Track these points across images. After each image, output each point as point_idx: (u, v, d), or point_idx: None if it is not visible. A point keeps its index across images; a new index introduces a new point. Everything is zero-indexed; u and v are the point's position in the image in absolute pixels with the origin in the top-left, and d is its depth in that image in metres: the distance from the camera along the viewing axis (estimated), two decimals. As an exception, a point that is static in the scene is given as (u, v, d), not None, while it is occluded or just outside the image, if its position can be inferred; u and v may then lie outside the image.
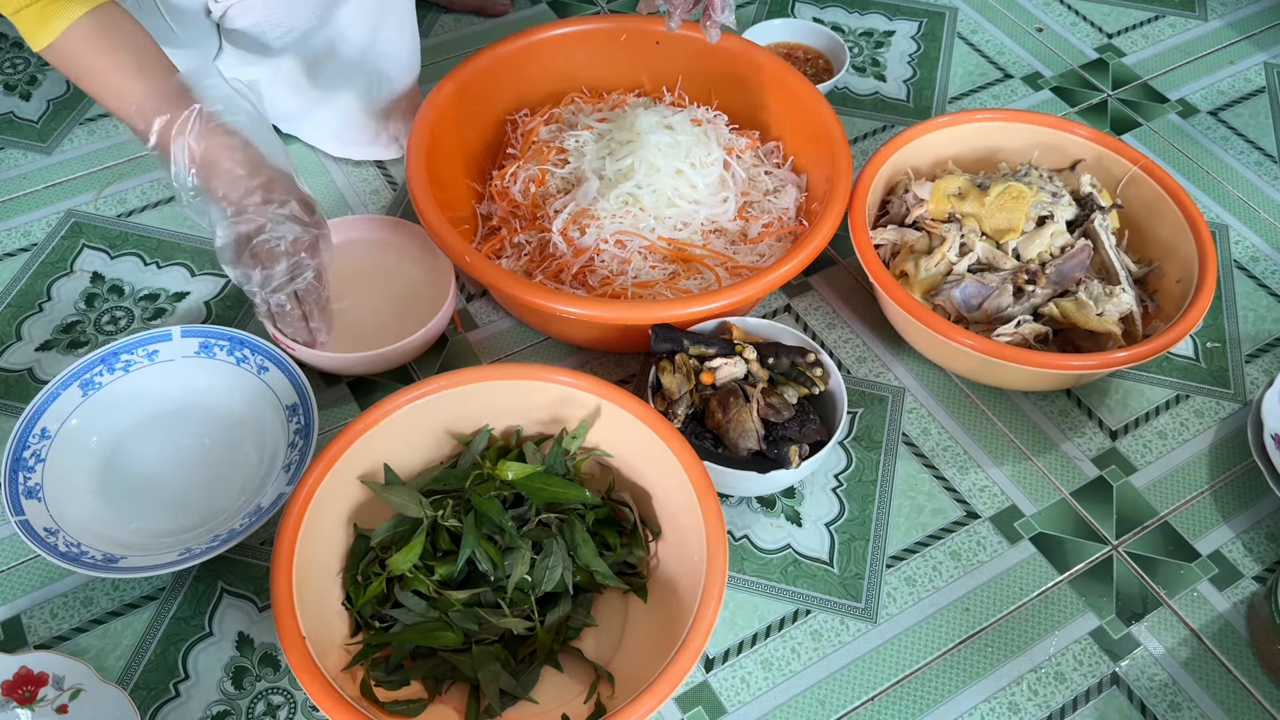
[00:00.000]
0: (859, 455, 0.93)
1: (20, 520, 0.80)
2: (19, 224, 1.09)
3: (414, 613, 0.75)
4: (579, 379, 0.80)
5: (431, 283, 0.98)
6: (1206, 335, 1.03)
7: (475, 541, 0.75)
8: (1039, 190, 0.97)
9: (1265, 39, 1.34)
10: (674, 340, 0.87)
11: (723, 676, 0.80)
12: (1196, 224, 0.95)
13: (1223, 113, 1.25)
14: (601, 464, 0.84)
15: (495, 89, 1.07)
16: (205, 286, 1.04)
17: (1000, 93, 1.27)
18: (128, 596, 0.83)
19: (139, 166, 1.14)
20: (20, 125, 1.18)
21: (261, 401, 0.90)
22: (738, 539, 0.87)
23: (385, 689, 0.73)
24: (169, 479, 0.88)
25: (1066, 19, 1.37)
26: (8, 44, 1.27)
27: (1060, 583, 0.86)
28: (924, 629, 0.83)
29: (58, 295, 1.03)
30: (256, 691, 0.79)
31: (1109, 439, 0.95)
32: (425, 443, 0.82)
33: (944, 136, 1.04)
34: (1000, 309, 0.93)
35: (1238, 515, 0.90)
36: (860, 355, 1.00)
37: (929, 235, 0.98)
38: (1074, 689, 0.80)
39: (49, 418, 0.87)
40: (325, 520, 0.76)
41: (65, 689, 0.75)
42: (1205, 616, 0.84)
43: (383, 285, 0.99)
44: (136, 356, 0.91)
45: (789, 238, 1.01)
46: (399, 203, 1.12)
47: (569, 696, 0.75)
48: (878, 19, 1.36)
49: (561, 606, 0.77)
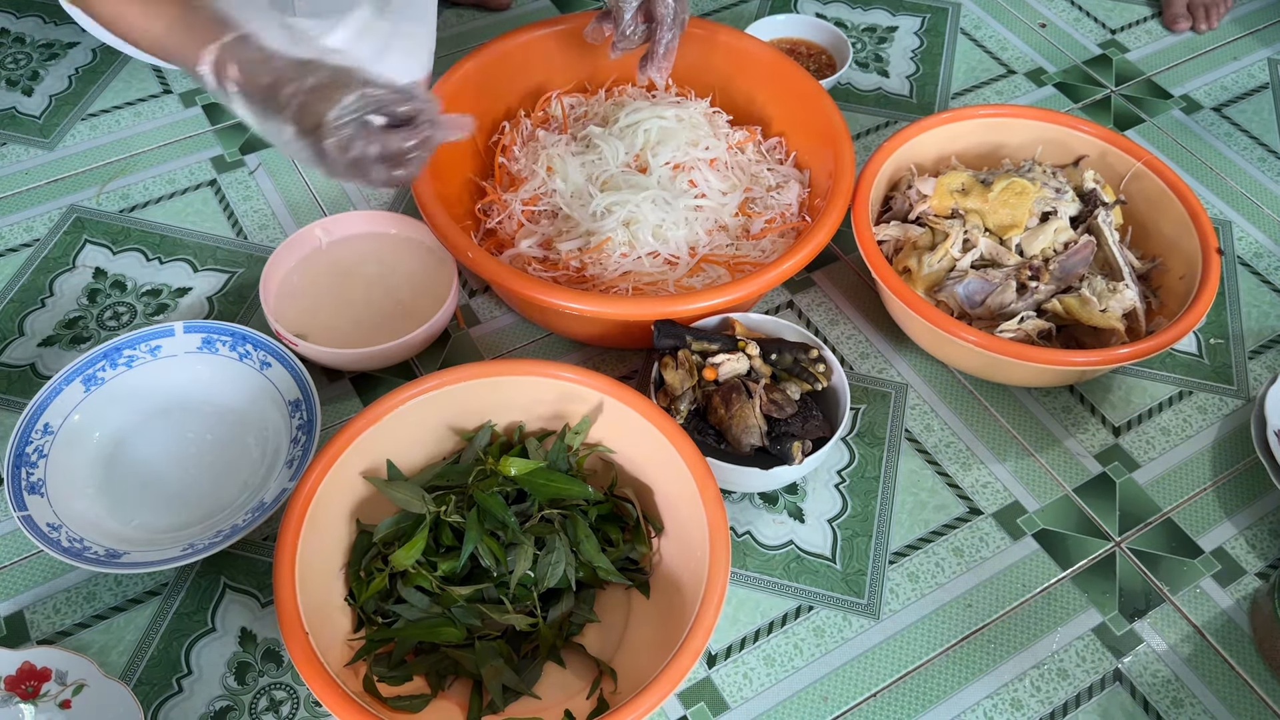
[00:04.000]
0: (862, 451, 0.93)
1: (23, 516, 0.80)
2: (21, 219, 1.08)
3: (417, 608, 0.75)
4: (582, 375, 0.80)
5: (434, 279, 0.98)
6: (1209, 331, 1.03)
7: (478, 537, 0.75)
8: (1042, 186, 0.97)
9: (1269, 34, 1.34)
10: (677, 336, 0.87)
11: (725, 672, 0.80)
12: (1200, 220, 0.95)
13: (1226, 109, 1.25)
14: (604, 460, 0.84)
15: (498, 84, 1.07)
16: (208, 282, 1.04)
17: (1003, 88, 1.26)
18: (130, 592, 0.83)
19: (141, 162, 1.14)
20: (22, 120, 1.18)
21: (264, 397, 0.90)
22: (740, 535, 0.87)
23: (388, 684, 0.73)
24: (172, 474, 0.88)
25: (1070, 15, 1.36)
26: (9, 39, 1.27)
27: (1063, 579, 0.86)
28: (926, 625, 0.83)
29: (60, 291, 1.03)
30: (259, 687, 0.79)
31: (1112, 435, 0.95)
32: (428, 438, 0.82)
33: (947, 132, 1.04)
34: (1003, 305, 0.92)
35: (1241, 511, 0.90)
36: (863, 351, 1.00)
37: (932, 231, 0.98)
38: (1077, 685, 0.80)
39: (52, 413, 0.87)
40: (328, 516, 0.76)
41: (68, 684, 0.75)
42: (1208, 613, 0.84)
43: (386, 281, 0.99)
44: (139, 352, 0.91)
45: (792, 234, 1.01)
46: (401, 197, 1.11)
47: (571, 692, 0.75)
48: (881, 14, 1.35)
49: (564, 602, 0.77)
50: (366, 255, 1.00)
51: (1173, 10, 1.33)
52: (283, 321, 0.92)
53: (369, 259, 1.00)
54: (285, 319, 0.93)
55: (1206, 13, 1.31)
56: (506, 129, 1.09)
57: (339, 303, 0.96)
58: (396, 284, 0.99)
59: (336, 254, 1.00)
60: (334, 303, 0.97)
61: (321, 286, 0.98)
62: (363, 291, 0.98)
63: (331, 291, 0.98)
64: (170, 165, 1.14)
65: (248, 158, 1.15)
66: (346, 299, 0.97)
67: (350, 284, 0.98)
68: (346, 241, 1.00)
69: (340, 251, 1.00)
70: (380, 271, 0.99)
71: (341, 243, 1.00)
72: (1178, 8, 1.33)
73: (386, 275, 0.99)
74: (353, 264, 0.99)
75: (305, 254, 1.00)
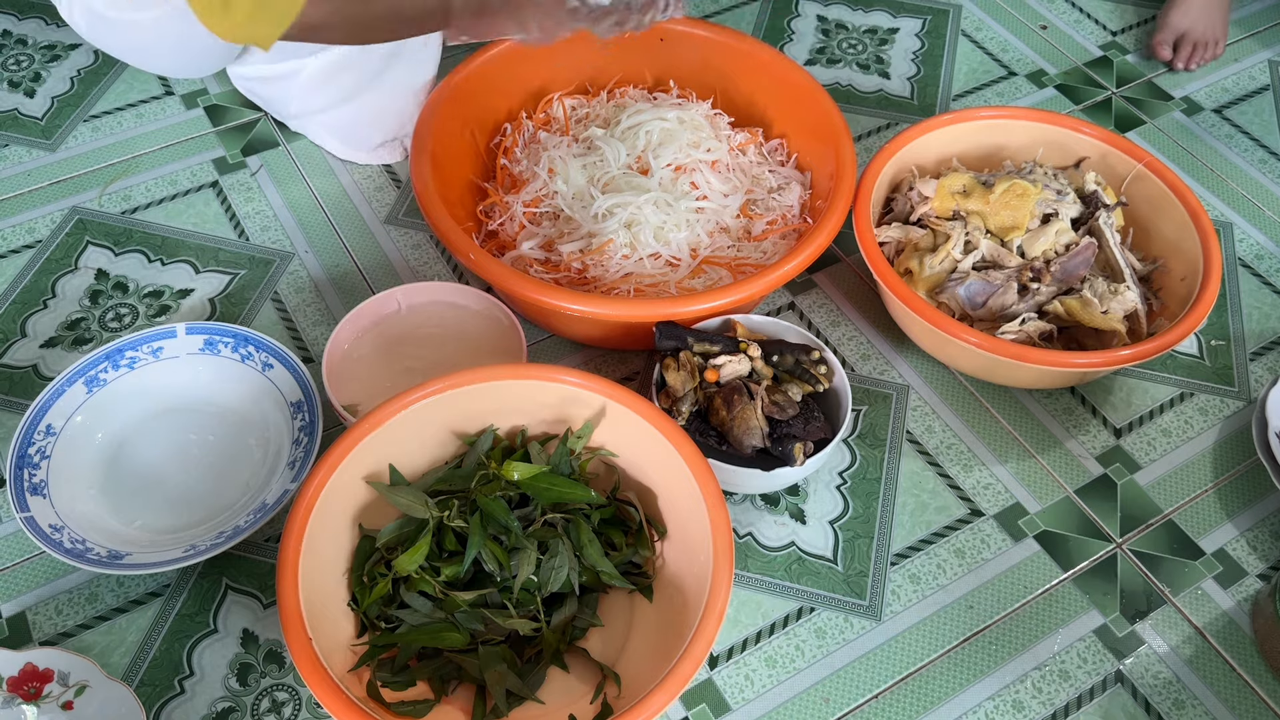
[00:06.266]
0: (863, 453, 0.93)
1: (26, 517, 0.80)
2: (23, 221, 1.09)
3: (420, 613, 0.75)
4: (584, 379, 0.80)
5: (499, 340, 0.95)
6: (1211, 333, 1.03)
7: (481, 542, 0.75)
8: (1044, 188, 0.97)
9: (1269, 36, 1.34)
10: (678, 337, 0.87)
11: (727, 674, 0.80)
12: (1201, 222, 0.95)
13: (1227, 110, 1.25)
14: (607, 463, 0.84)
15: (500, 85, 1.07)
16: (210, 283, 1.04)
17: (1004, 90, 1.27)
18: (133, 593, 0.83)
19: (143, 163, 1.14)
20: (24, 122, 1.18)
21: (266, 398, 0.90)
22: (742, 536, 0.87)
23: (391, 690, 0.73)
24: (174, 475, 0.88)
25: (1070, 16, 1.36)
26: (11, 41, 1.27)
27: (1064, 580, 0.86)
28: (928, 627, 0.83)
29: (62, 292, 1.03)
30: (262, 688, 0.79)
31: (1113, 437, 0.95)
32: (430, 442, 0.82)
33: (948, 134, 1.04)
34: (1005, 307, 0.93)
35: (1242, 513, 0.90)
36: (864, 353, 1.00)
37: (933, 233, 0.98)
38: (1078, 687, 0.81)
39: (54, 414, 0.87)
40: (330, 521, 0.76)
41: (70, 685, 0.75)
42: (1209, 614, 0.84)
43: (454, 348, 0.96)
44: (141, 353, 0.91)
45: (793, 235, 1.01)
46: (403, 202, 1.12)
47: (575, 697, 0.75)
48: (882, 16, 1.35)
49: (567, 607, 0.77)
50: (442, 322, 0.97)
51: (1161, 36, 1.29)
52: (339, 389, 0.90)
53: (443, 326, 0.96)
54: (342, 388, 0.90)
55: (1193, 51, 1.27)
56: (508, 131, 1.09)
57: (399, 370, 0.93)
58: (461, 352, 0.95)
59: (411, 320, 0.97)
60: (396, 369, 0.94)
61: (387, 353, 0.95)
62: (428, 357, 0.95)
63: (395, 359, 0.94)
64: (172, 167, 1.14)
65: (249, 159, 1.15)
66: (406, 367, 0.94)
67: (415, 351, 0.95)
68: (420, 308, 0.97)
69: (415, 318, 0.97)
70: (446, 337, 0.96)
71: (415, 309, 0.97)
72: (1166, 34, 1.29)
73: (454, 342, 0.96)
74: (427, 332, 0.96)
75: (379, 319, 0.96)
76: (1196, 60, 1.28)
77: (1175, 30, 1.29)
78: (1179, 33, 1.29)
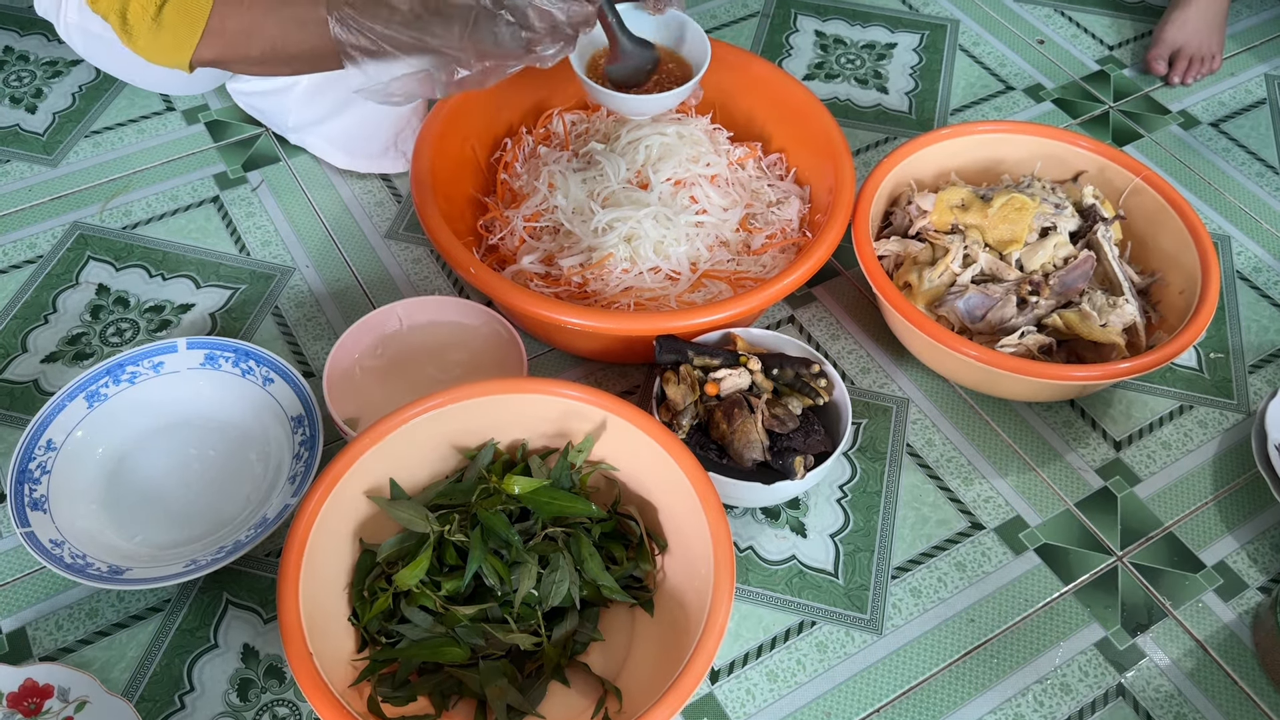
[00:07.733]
0: (863, 466, 0.93)
1: (26, 532, 0.80)
2: (24, 236, 1.09)
3: (420, 628, 0.75)
4: (585, 393, 0.81)
5: (500, 354, 0.96)
6: (1209, 346, 1.03)
7: (482, 556, 0.75)
8: (1042, 201, 0.97)
9: (1266, 50, 1.35)
10: (678, 351, 0.87)
11: (728, 688, 0.80)
12: (1199, 235, 0.96)
13: (1224, 124, 1.25)
14: (607, 477, 0.84)
15: (500, 100, 1.08)
16: (210, 298, 1.04)
17: (1002, 104, 1.27)
18: (133, 608, 0.83)
19: (144, 179, 1.15)
20: (26, 138, 1.19)
21: (266, 413, 0.90)
22: (742, 550, 0.87)
23: (392, 705, 0.73)
24: (174, 490, 0.88)
25: (1068, 31, 1.37)
26: (13, 57, 1.28)
27: (1065, 594, 0.86)
28: (929, 640, 0.83)
29: (63, 307, 1.03)
30: (262, 703, 0.79)
31: (1113, 450, 0.95)
32: (430, 457, 0.82)
33: (946, 148, 1.05)
34: (1004, 320, 0.93)
35: (1242, 526, 0.90)
36: (864, 366, 1.00)
37: (932, 246, 0.98)
38: (1080, 700, 0.80)
39: (55, 429, 0.87)
40: (331, 536, 0.76)
41: (71, 701, 0.75)
42: (1210, 627, 0.84)
43: (455, 363, 0.96)
44: (142, 368, 0.91)
45: (792, 249, 1.02)
46: (403, 216, 1.12)
47: (576, 711, 0.75)
48: (880, 31, 1.36)
49: (568, 621, 0.77)
50: (442, 336, 0.97)
51: (1157, 50, 1.30)
52: (339, 404, 0.90)
53: (443, 340, 0.97)
54: (343, 403, 0.91)
55: (1189, 65, 1.27)
56: (508, 146, 1.09)
57: (400, 385, 0.94)
58: (462, 367, 0.96)
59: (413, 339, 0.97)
60: (396, 384, 0.94)
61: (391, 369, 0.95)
62: (428, 371, 0.95)
63: (398, 375, 0.95)
64: (173, 182, 1.14)
65: (250, 175, 1.15)
66: (406, 381, 0.94)
67: (415, 365, 0.95)
68: (421, 323, 0.97)
69: (416, 333, 0.97)
70: (446, 351, 0.96)
71: (417, 330, 0.97)
72: (1162, 49, 1.30)
73: (454, 356, 0.96)
74: (428, 346, 0.96)
75: (380, 333, 0.96)
76: (1193, 75, 1.28)
77: (1171, 45, 1.29)
78: (1175, 47, 1.29)
